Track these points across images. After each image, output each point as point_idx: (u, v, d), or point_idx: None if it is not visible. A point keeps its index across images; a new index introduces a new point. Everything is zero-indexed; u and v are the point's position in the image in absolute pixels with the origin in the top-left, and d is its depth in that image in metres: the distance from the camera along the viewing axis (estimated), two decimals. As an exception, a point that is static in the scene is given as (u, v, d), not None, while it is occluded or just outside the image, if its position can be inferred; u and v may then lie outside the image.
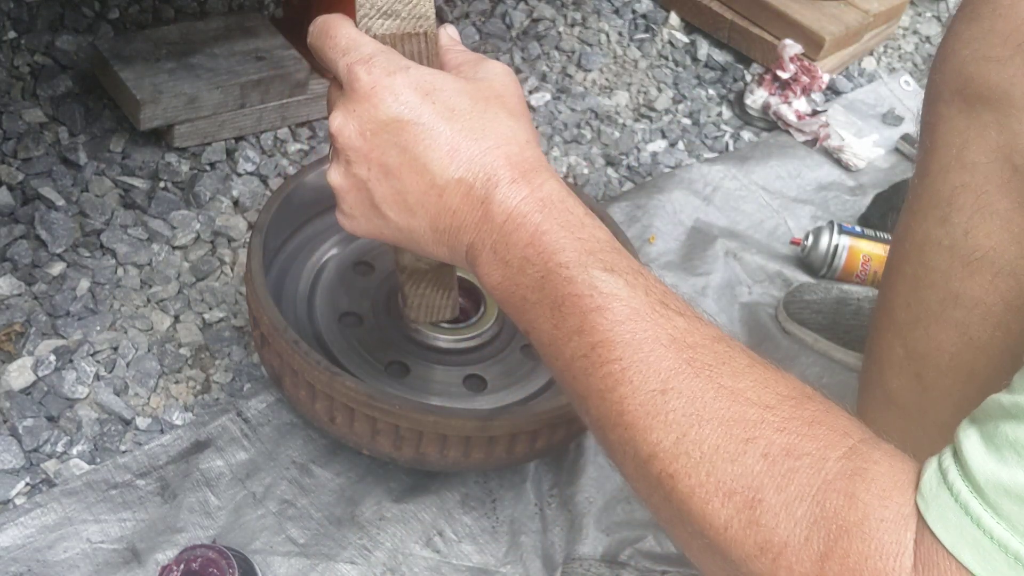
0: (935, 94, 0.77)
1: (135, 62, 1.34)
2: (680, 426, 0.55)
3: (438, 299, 0.95)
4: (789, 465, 0.53)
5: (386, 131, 0.67)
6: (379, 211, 0.70)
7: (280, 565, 1.00)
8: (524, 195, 0.65)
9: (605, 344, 0.59)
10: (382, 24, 0.69)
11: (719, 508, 0.54)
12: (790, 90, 1.72)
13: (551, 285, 0.62)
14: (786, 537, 0.51)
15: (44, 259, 1.21)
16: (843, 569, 0.50)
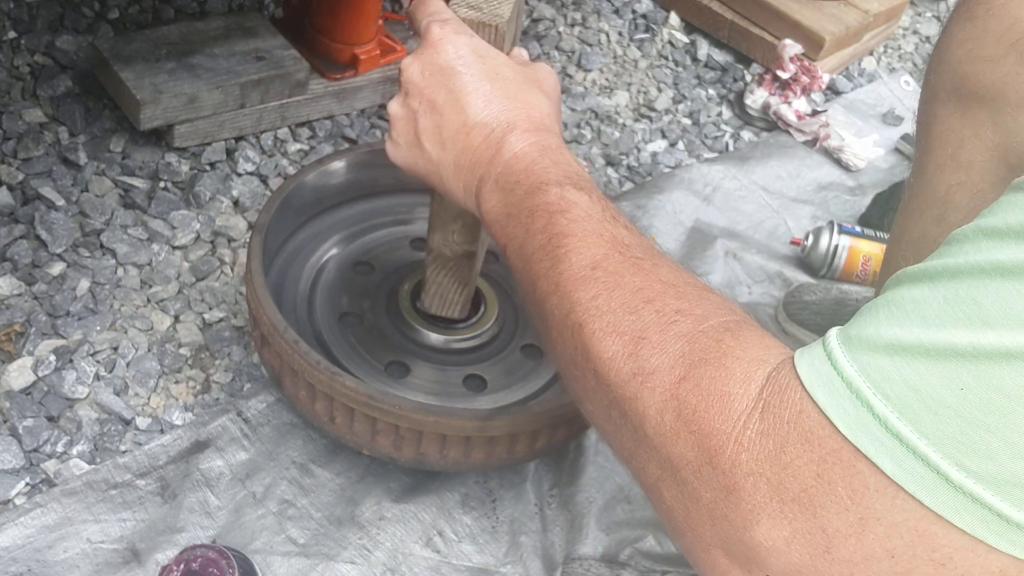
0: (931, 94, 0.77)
1: (135, 62, 1.34)
2: (597, 288, 0.65)
3: (453, 293, 1.05)
4: (676, 319, 0.60)
5: (441, 73, 0.80)
6: (419, 141, 0.82)
7: (280, 565, 1.00)
8: (531, 141, 0.77)
9: (559, 235, 0.69)
10: (466, 12, 0.85)
11: (610, 344, 0.61)
12: (790, 90, 1.72)
13: (530, 198, 0.73)
14: (656, 366, 0.58)
15: (44, 259, 1.21)
16: (695, 388, 0.56)
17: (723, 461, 0.52)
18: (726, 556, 0.53)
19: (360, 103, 1.51)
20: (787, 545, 0.50)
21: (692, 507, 0.54)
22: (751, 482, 0.51)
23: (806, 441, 0.50)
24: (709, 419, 0.54)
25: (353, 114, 1.51)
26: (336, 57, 1.49)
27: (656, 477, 0.57)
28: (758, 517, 0.51)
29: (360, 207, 1.23)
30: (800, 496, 0.49)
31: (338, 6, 1.46)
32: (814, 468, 0.49)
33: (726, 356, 0.56)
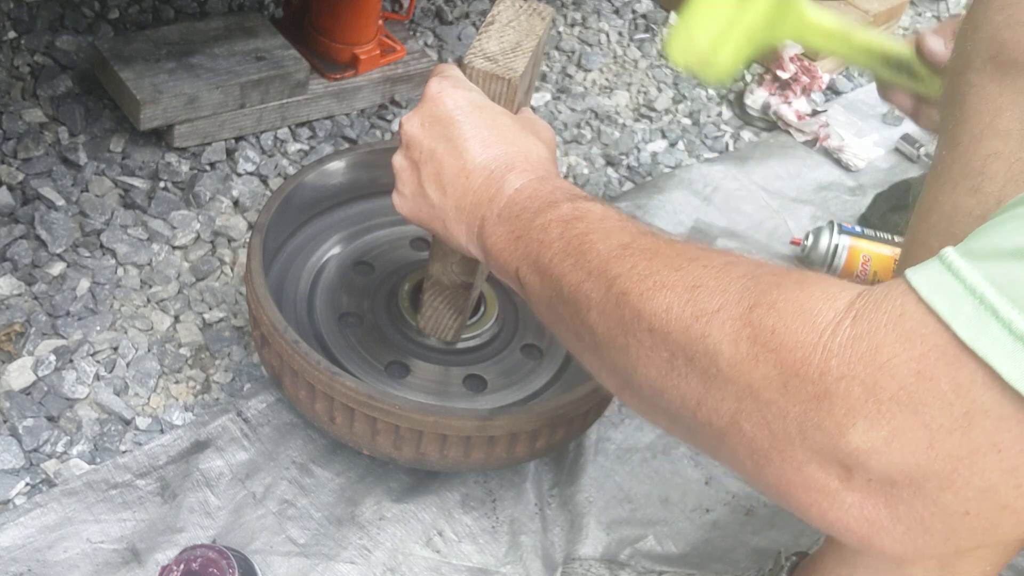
0: (964, 63, 0.76)
1: (135, 62, 1.34)
2: (633, 260, 0.64)
3: (447, 319, 1.07)
4: (728, 268, 0.60)
5: (439, 124, 0.82)
6: (422, 189, 0.84)
7: (280, 565, 1.00)
8: (531, 177, 0.79)
9: (580, 235, 0.70)
10: (482, 63, 0.87)
11: (662, 298, 0.61)
12: (790, 90, 1.71)
13: (541, 216, 0.74)
14: (720, 303, 0.58)
15: (44, 259, 1.21)
16: (770, 311, 0.55)
17: (811, 370, 0.52)
18: (821, 469, 0.53)
19: (360, 103, 1.51)
20: (887, 445, 0.50)
21: (779, 426, 0.53)
22: (843, 386, 0.50)
23: (906, 340, 0.49)
24: (791, 334, 0.53)
25: (353, 114, 1.51)
26: (336, 57, 1.49)
27: (733, 412, 0.56)
28: (853, 420, 0.50)
29: (360, 207, 1.23)
30: (898, 394, 0.49)
31: (338, 6, 1.46)
32: (914, 366, 0.49)
33: (801, 283, 0.55)
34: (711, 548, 1.11)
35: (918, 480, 0.50)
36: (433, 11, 1.74)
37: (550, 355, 1.14)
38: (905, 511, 0.51)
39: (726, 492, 1.16)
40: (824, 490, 0.53)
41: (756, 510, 1.15)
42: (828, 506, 0.53)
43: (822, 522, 0.54)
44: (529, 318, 1.16)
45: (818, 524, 0.54)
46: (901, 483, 0.50)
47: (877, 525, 0.52)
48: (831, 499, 0.53)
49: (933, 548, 0.52)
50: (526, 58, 0.89)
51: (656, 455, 1.18)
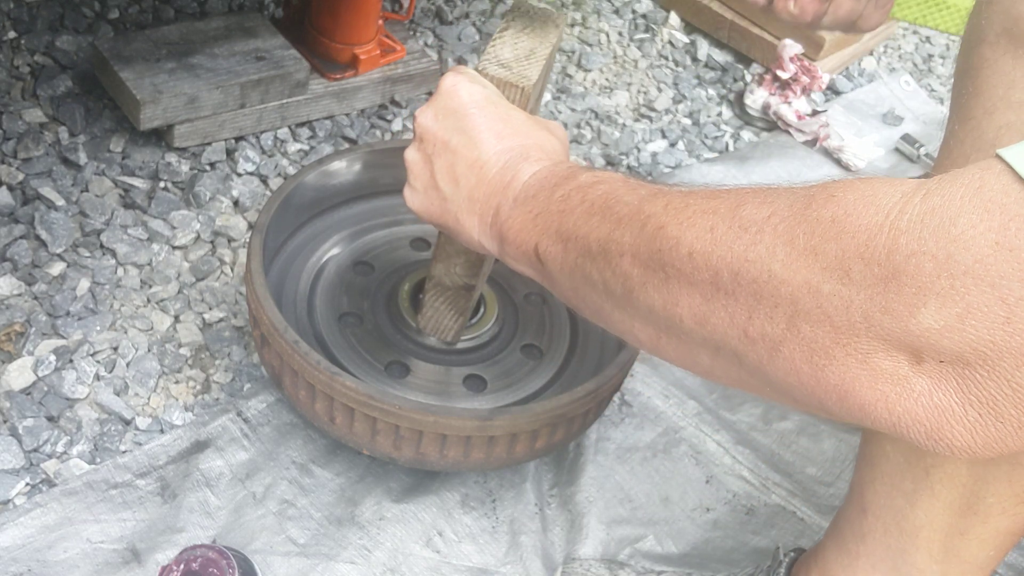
0: (978, 38, 0.76)
1: (135, 62, 1.34)
2: (667, 198, 0.63)
3: (448, 320, 1.07)
4: (771, 189, 0.57)
5: (453, 116, 0.82)
6: (435, 183, 0.83)
7: (280, 565, 1.00)
8: (546, 164, 0.78)
9: (604, 195, 0.68)
10: (495, 70, 0.87)
11: (703, 223, 0.58)
12: (790, 90, 1.71)
13: (559, 190, 0.73)
14: (769, 213, 0.55)
15: (44, 259, 1.21)
16: (827, 203, 0.52)
17: (877, 252, 0.49)
18: (888, 356, 0.50)
19: (360, 103, 1.51)
20: (961, 322, 0.47)
21: (842, 318, 0.51)
22: (914, 263, 0.48)
23: (984, 211, 0.47)
24: (853, 218, 0.51)
25: (353, 114, 1.51)
26: (336, 57, 1.49)
27: (790, 316, 0.53)
28: (924, 299, 0.48)
29: (360, 207, 1.23)
30: (974, 267, 0.46)
31: (338, 6, 1.46)
32: (992, 237, 0.46)
33: (858, 180, 0.53)
34: (711, 548, 1.11)
35: (993, 358, 0.47)
36: (433, 11, 1.74)
37: (550, 355, 1.14)
38: (978, 394, 0.48)
39: (727, 491, 1.16)
40: (892, 378, 0.50)
41: (756, 509, 1.15)
42: (896, 396, 0.50)
43: (889, 417, 0.51)
44: (529, 318, 1.17)
45: (884, 420, 0.51)
46: (974, 363, 0.47)
47: (948, 412, 0.49)
48: (900, 387, 0.50)
49: (1005, 439, 0.49)
50: (539, 65, 0.89)
51: (656, 454, 1.18)
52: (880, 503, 0.83)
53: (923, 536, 0.81)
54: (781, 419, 1.24)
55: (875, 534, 0.84)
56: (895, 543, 0.83)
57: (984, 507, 0.79)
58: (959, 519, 0.80)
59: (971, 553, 0.81)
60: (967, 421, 0.49)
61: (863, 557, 0.86)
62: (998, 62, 0.75)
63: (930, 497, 0.80)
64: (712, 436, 1.21)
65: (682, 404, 1.23)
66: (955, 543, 0.81)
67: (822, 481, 1.19)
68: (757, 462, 1.19)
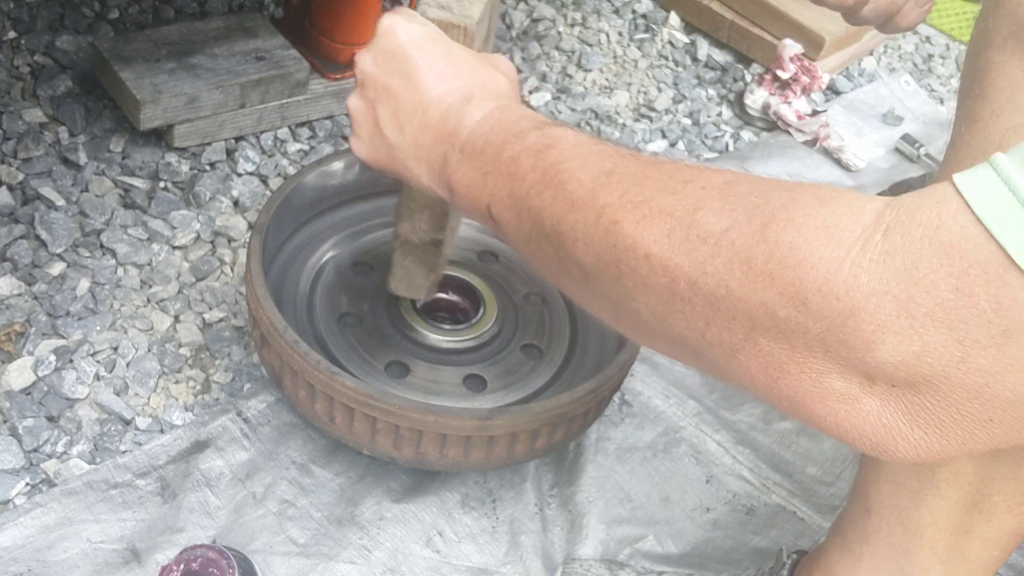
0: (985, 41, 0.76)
1: (135, 62, 1.34)
2: (621, 187, 0.61)
3: (419, 277, 1.03)
4: (730, 188, 0.56)
5: (393, 58, 0.78)
6: (379, 130, 0.80)
7: (280, 565, 1.00)
8: (491, 106, 0.75)
9: (554, 164, 0.66)
10: (436, 12, 0.83)
11: (661, 224, 0.57)
12: (790, 90, 1.71)
13: (508, 149, 0.70)
14: (728, 224, 0.54)
15: (44, 259, 1.21)
16: (787, 226, 0.52)
17: (836, 287, 0.50)
18: (842, 378, 0.51)
19: (360, 103, 1.51)
20: (917, 359, 0.48)
21: (799, 341, 0.52)
22: (874, 302, 0.49)
23: (944, 256, 0.48)
24: (813, 250, 0.51)
25: (353, 114, 1.51)
26: (336, 57, 1.49)
27: (747, 329, 0.54)
28: (883, 336, 0.49)
29: (360, 207, 1.23)
30: (934, 311, 0.48)
31: (338, 6, 1.46)
32: (952, 282, 0.47)
33: (819, 198, 0.53)
34: (711, 548, 1.11)
35: (944, 390, 0.49)
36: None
37: (550, 355, 1.14)
38: (926, 418, 0.50)
39: (727, 491, 1.16)
40: (843, 397, 0.51)
41: (757, 509, 1.15)
42: (846, 414, 0.52)
43: (836, 430, 0.53)
44: (529, 318, 1.17)
45: (833, 432, 0.53)
46: (925, 392, 0.49)
47: (895, 431, 0.51)
48: (850, 406, 0.51)
49: (948, 453, 0.51)
50: (481, 4, 0.85)
51: (656, 454, 1.18)
52: (884, 502, 0.83)
53: (928, 535, 0.81)
54: (781, 419, 1.24)
55: (879, 534, 0.84)
56: (899, 543, 0.83)
57: (989, 505, 0.79)
58: (964, 518, 0.80)
59: (975, 553, 0.81)
60: (913, 439, 0.51)
61: (866, 558, 0.86)
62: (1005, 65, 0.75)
63: (936, 496, 0.80)
64: (712, 436, 1.21)
65: (682, 404, 1.23)
66: (960, 542, 0.81)
67: (822, 481, 1.19)
68: (757, 462, 1.19)
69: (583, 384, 1.00)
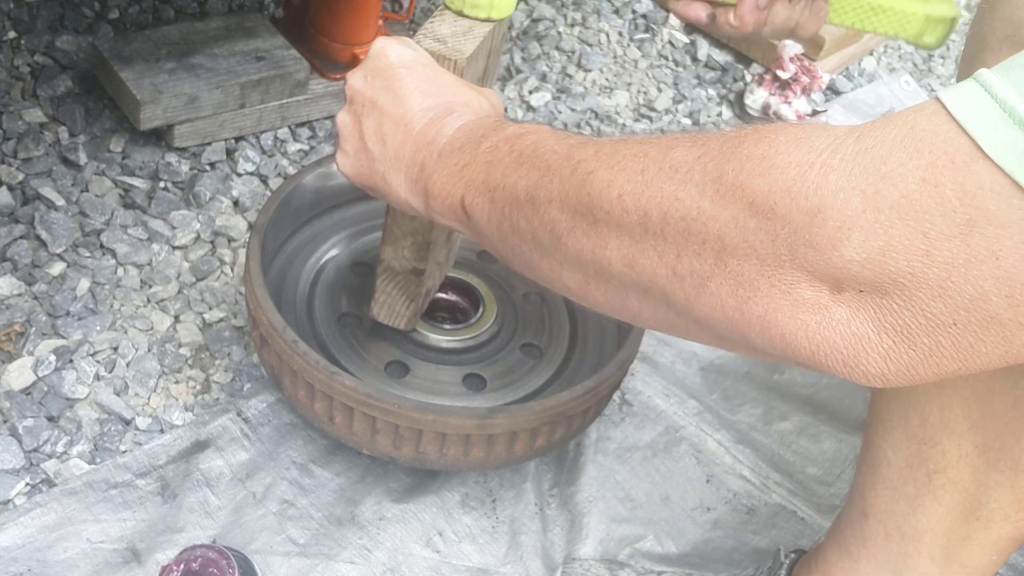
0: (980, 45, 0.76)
1: (135, 62, 1.34)
2: (596, 147, 0.63)
3: (400, 306, 1.06)
4: (704, 135, 0.58)
5: (381, 76, 0.81)
6: (363, 143, 0.82)
7: (280, 565, 1.00)
8: (471, 118, 0.77)
9: (531, 147, 0.68)
10: (430, 43, 0.86)
11: (633, 166, 0.59)
12: (790, 90, 1.72)
13: (485, 141, 0.72)
14: (698, 154, 0.56)
15: (44, 259, 1.21)
16: (758, 142, 0.53)
17: (805, 187, 0.51)
18: (811, 287, 0.52)
19: (360, 103, 1.51)
20: (882, 254, 0.49)
21: (767, 251, 0.52)
22: (841, 198, 0.49)
23: (915, 151, 0.48)
24: (784, 157, 0.52)
25: (353, 114, 1.51)
26: (336, 57, 1.49)
27: (716, 251, 0.55)
28: (849, 232, 0.49)
29: (359, 208, 1.23)
30: (899, 202, 0.48)
31: (338, 6, 1.46)
32: (920, 173, 0.48)
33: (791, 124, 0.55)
34: (711, 548, 1.11)
35: (909, 288, 0.49)
36: (433, 11, 1.74)
37: (549, 354, 1.14)
38: (892, 322, 0.50)
39: (727, 490, 1.16)
40: (813, 307, 0.52)
41: (757, 509, 1.15)
42: (816, 325, 0.52)
43: (808, 345, 0.53)
44: (528, 317, 1.17)
45: (804, 349, 0.53)
46: (892, 292, 0.49)
47: (864, 339, 0.51)
48: (820, 315, 0.52)
49: (916, 367, 0.51)
50: (476, 41, 0.87)
51: (657, 453, 1.18)
52: (882, 507, 0.83)
53: (925, 541, 0.81)
54: (781, 419, 1.24)
55: (877, 538, 0.84)
56: (897, 548, 0.83)
57: (987, 512, 0.79)
58: (961, 524, 0.80)
59: (973, 559, 0.81)
60: (882, 348, 0.51)
61: (864, 561, 0.86)
62: None
63: (933, 502, 0.80)
64: (713, 435, 1.21)
65: (682, 403, 1.23)
66: (957, 548, 0.81)
67: (823, 481, 1.19)
68: (758, 461, 1.19)
69: (583, 383, 1.00)
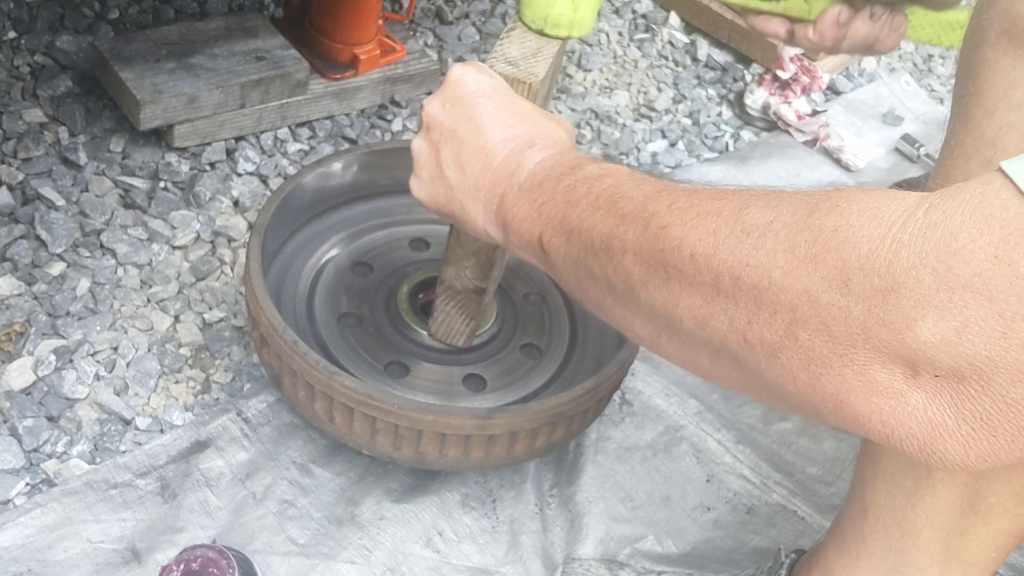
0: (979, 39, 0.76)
1: (135, 62, 1.34)
2: (672, 196, 0.63)
3: (459, 324, 1.08)
4: (777, 192, 0.58)
5: (461, 104, 0.82)
6: (441, 171, 0.83)
7: (280, 565, 1.00)
8: (552, 151, 0.78)
9: (608, 189, 0.68)
10: (503, 67, 0.88)
11: (707, 224, 0.59)
12: (790, 90, 1.71)
13: (564, 180, 0.73)
14: (772, 218, 0.55)
15: (44, 259, 1.21)
16: (831, 212, 0.52)
17: (877, 263, 0.49)
18: (885, 369, 0.50)
19: (360, 103, 1.51)
20: (958, 336, 0.47)
21: (840, 329, 0.51)
22: (913, 276, 0.48)
23: (985, 226, 0.47)
24: (855, 230, 0.51)
25: (353, 114, 1.51)
26: (336, 57, 1.49)
27: (788, 323, 0.53)
28: (923, 312, 0.48)
29: (359, 208, 1.23)
30: (972, 281, 0.47)
31: (338, 6, 1.46)
32: (992, 251, 0.47)
33: (860, 191, 0.53)
34: (712, 548, 1.11)
35: (988, 373, 0.47)
36: (433, 11, 1.74)
37: (549, 354, 1.14)
38: (971, 409, 0.48)
39: (727, 490, 1.16)
40: (887, 391, 0.50)
41: (757, 509, 1.15)
42: (891, 410, 0.51)
43: (883, 429, 0.51)
44: (528, 317, 1.17)
45: (878, 432, 0.52)
46: (970, 377, 0.48)
47: (941, 427, 0.49)
48: (895, 400, 0.50)
49: (998, 453, 0.49)
50: (547, 63, 0.89)
51: (657, 453, 1.18)
52: (881, 503, 0.83)
53: (924, 536, 0.81)
54: (781, 419, 1.24)
55: (876, 534, 0.84)
56: (896, 543, 0.83)
57: (985, 506, 0.79)
58: (960, 519, 0.80)
59: (972, 554, 0.81)
60: (960, 435, 0.49)
61: (863, 558, 0.86)
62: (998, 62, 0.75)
63: (931, 496, 0.80)
64: (713, 435, 1.21)
65: (683, 403, 1.23)
66: (956, 543, 0.81)
67: (823, 480, 1.19)
68: (758, 461, 1.19)
69: (583, 383, 1.00)
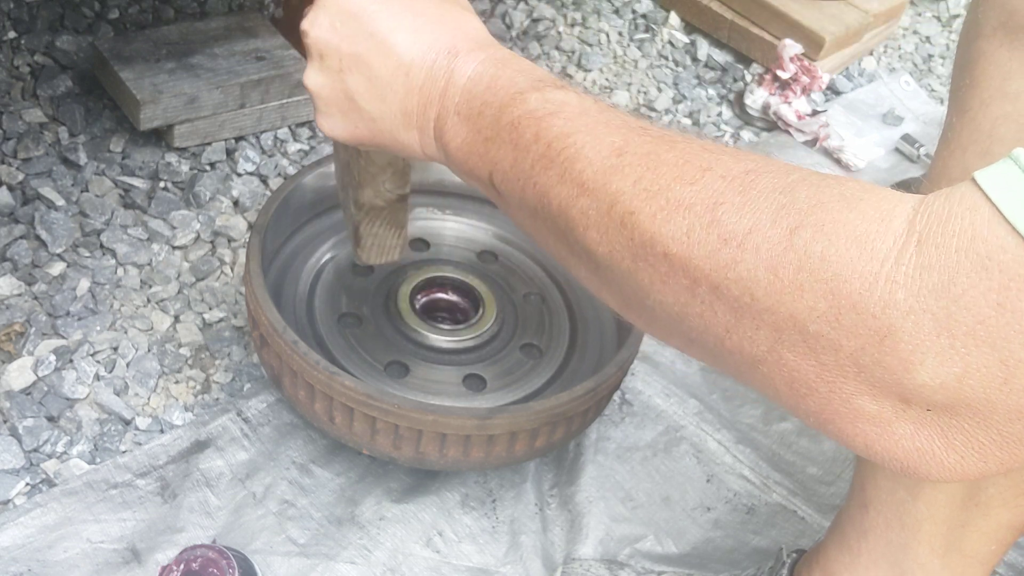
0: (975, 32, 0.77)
1: (135, 62, 1.34)
2: (635, 172, 0.57)
3: (389, 239, 0.99)
4: (751, 178, 0.53)
5: (355, 20, 0.71)
6: (354, 103, 0.73)
7: (280, 565, 1.00)
8: (482, 58, 0.69)
9: (560, 137, 0.61)
10: None
11: (679, 220, 0.54)
12: (790, 90, 1.71)
13: (507, 113, 0.65)
14: (751, 225, 0.51)
15: (44, 259, 1.21)
16: (817, 234, 0.49)
17: (871, 304, 0.47)
18: (874, 401, 0.49)
19: (360, 103, 1.51)
20: (959, 381, 0.46)
21: (829, 359, 0.49)
22: (912, 321, 0.46)
23: (983, 269, 0.45)
24: (845, 263, 0.48)
25: (353, 114, 1.51)
26: (336, 57, 1.48)
27: (771, 341, 0.51)
28: (922, 357, 0.46)
29: (360, 207, 1.22)
30: (975, 329, 0.45)
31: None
32: (994, 297, 0.45)
33: (846, 200, 0.50)
34: (712, 548, 1.11)
35: (984, 413, 0.47)
36: (433, 11, 1.74)
37: (549, 354, 1.14)
38: (963, 440, 0.48)
39: (728, 490, 1.16)
40: (875, 420, 0.49)
41: (757, 509, 1.15)
42: (877, 436, 0.50)
43: (865, 451, 0.51)
44: (528, 317, 1.17)
45: (862, 451, 0.51)
46: (964, 415, 0.47)
47: (928, 455, 0.49)
48: (881, 429, 0.49)
49: (984, 473, 0.49)
50: None
51: (657, 454, 1.18)
52: (882, 497, 0.83)
53: (925, 530, 0.82)
54: (782, 419, 1.24)
55: (877, 529, 0.84)
56: (897, 538, 0.83)
57: (985, 499, 0.79)
58: (961, 511, 0.80)
59: (972, 547, 0.82)
60: (948, 462, 0.49)
61: (864, 554, 0.86)
62: (994, 54, 0.75)
63: (932, 488, 0.80)
64: (713, 435, 1.21)
65: (683, 403, 1.23)
66: (957, 536, 0.81)
67: (823, 480, 1.19)
68: (758, 461, 1.19)
69: (582, 383, 1.00)
